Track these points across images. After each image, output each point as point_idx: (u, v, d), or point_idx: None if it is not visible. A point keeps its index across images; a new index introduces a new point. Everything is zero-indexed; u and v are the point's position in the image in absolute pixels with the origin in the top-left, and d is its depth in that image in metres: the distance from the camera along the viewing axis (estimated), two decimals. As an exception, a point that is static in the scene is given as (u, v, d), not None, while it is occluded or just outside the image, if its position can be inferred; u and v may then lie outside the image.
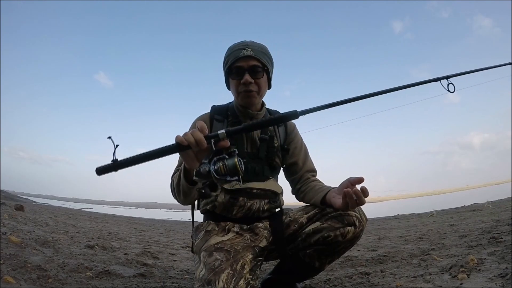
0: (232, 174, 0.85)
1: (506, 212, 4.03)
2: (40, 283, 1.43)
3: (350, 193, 0.94)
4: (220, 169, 0.85)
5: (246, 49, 1.18)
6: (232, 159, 0.84)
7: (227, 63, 1.21)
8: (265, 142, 1.25)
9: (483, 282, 1.27)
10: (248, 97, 1.20)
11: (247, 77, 1.16)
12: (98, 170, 0.85)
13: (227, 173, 0.85)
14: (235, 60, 1.18)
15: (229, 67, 1.20)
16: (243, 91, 1.19)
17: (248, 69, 1.17)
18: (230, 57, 1.20)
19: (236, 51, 1.19)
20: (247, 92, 1.19)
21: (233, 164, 0.85)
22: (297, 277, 1.34)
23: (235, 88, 1.21)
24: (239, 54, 1.17)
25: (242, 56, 1.17)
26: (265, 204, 1.23)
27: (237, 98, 1.24)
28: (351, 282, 1.54)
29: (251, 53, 1.17)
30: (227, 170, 0.85)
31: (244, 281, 1.02)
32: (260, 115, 1.28)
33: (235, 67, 1.18)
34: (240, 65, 1.17)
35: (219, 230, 1.20)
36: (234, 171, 0.85)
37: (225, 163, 0.84)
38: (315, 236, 1.13)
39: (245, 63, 1.17)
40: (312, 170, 1.34)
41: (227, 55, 1.22)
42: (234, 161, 0.84)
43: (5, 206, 5.08)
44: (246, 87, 1.18)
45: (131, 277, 1.72)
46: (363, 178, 0.98)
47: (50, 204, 18.74)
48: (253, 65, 1.18)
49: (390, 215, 8.02)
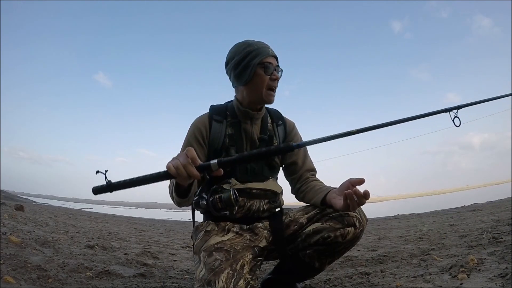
0: (227, 207, 0.95)
1: (506, 212, 4.04)
2: (40, 283, 1.43)
3: (351, 195, 0.94)
4: (217, 203, 0.96)
5: (270, 49, 1.22)
6: (228, 192, 0.93)
7: (255, 56, 1.19)
8: (265, 142, 1.25)
9: (483, 282, 1.27)
10: (272, 95, 1.23)
11: (277, 75, 1.21)
12: (94, 190, 0.90)
13: (223, 206, 0.95)
14: (266, 56, 1.19)
15: (261, 61, 1.19)
16: (272, 88, 1.21)
17: (275, 68, 1.21)
18: (260, 52, 1.19)
19: (264, 48, 1.20)
20: (274, 89, 1.22)
21: (228, 197, 0.94)
22: (297, 277, 1.33)
23: (265, 83, 1.20)
24: (269, 52, 1.20)
25: (271, 54, 1.21)
26: (265, 204, 1.23)
27: (261, 94, 1.21)
28: (351, 282, 1.54)
29: (274, 53, 1.22)
30: (223, 203, 0.96)
31: (244, 281, 1.02)
32: (260, 115, 1.28)
33: (267, 63, 1.19)
34: (271, 61, 1.20)
35: (219, 230, 1.20)
36: (230, 204, 0.94)
37: (222, 196, 0.92)
38: (315, 236, 1.13)
39: (274, 62, 1.22)
40: (312, 169, 1.34)
41: (252, 48, 1.20)
42: (229, 195, 0.96)
43: (5, 206, 5.08)
44: (275, 84, 1.21)
45: (131, 277, 1.72)
46: (364, 179, 0.98)
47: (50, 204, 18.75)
48: (277, 65, 1.23)
49: (390, 215, 8.02)
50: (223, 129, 1.24)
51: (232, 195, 0.91)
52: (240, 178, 1.19)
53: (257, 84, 1.21)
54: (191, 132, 1.25)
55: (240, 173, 1.19)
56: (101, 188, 0.89)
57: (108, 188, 0.88)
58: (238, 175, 1.19)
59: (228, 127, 1.25)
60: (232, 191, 0.91)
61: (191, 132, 1.25)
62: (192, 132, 1.25)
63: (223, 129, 1.24)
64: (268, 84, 1.20)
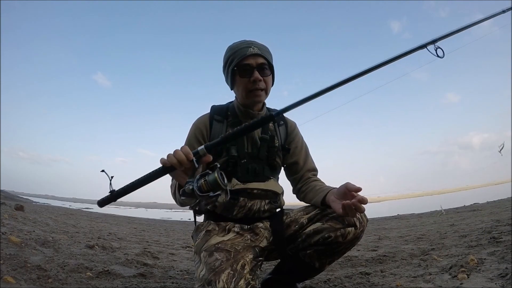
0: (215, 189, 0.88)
1: (506, 212, 4.04)
2: (40, 283, 1.43)
3: (350, 206, 0.94)
4: (203, 186, 0.88)
5: (252, 47, 1.16)
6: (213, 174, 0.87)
7: (232, 61, 1.17)
8: (266, 142, 1.25)
9: (483, 282, 1.27)
10: (257, 95, 1.18)
11: (257, 74, 1.15)
12: (99, 203, 0.93)
13: (209, 189, 0.88)
14: (242, 58, 1.15)
15: (237, 64, 1.16)
16: (253, 89, 1.16)
17: (257, 67, 1.16)
18: (237, 55, 1.16)
19: (242, 49, 1.16)
20: (257, 90, 1.17)
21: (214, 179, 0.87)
22: (297, 277, 1.33)
23: (243, 87, 1.18)
24: (247, 52, 1.15)
25: (250, 54, 1.15)
26: (266, 204, 1.23)
27: (244, 97, 1.20)
28: (351, 282, 1.54)
29: (257, 51, 1.16)
30: (209, 186, 0.88)
31: (244, 281, 1.02)
32: (260, 115, 1.27)
33: (243, 65, 1.15)
34: (248, 62, 1.15)
35: (219, 230, 1.20)
36: (216, 186, 0.87)
37: (207, 179, 0.87)
38: (316, 236, 1.13)
39: (254, 61, 1.16)
40: (313, 169, 1.34)
41: (231, 53, 1.18)
42: (214, 176, 0.88)
43: (5, 206, 5.08)
44: (256, 85, 1.16)
45: (131, 277, 1.72)
46: (361, 188, 0.98)
47: (50, 204, 18.74)
48: (261, 63, 1.17)
49: (390, 215, 8.03)
50: (224, 129, 1.24)
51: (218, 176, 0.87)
52: (241, 178, 1.19)
53: (239, 89, 1.20)
54: (192, 132, 1.26)
55: (241, 173, 1.19)
56: (106, 199, 0.92)
57: (112, 198, 0.91)
58: (239, 175, 1.19)
59: (229, 127, 1.25)
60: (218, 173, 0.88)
61: (192, 132, 1.26)
62: (193, 132, 1.25)
63: (223, 129, 1.24)
64: (247, 88, 1.17)
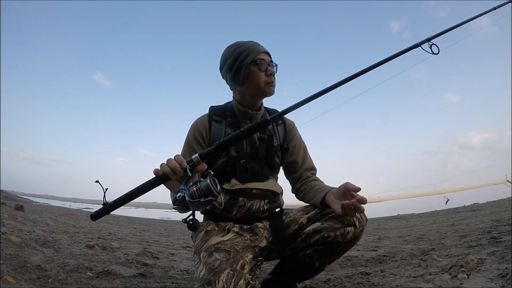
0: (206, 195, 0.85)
1: (506, 212, 4.03)
2: (40, 283, 1.43)
3: (349, 206, 0.94)
4: (194, 193, 0.85)
5: (261, 46, 1.24)
6: (205, 181, 0.85)
7: (248, 54, 1.20)
8: (265, 142, 1.25)
9: (483, 282, 1.27)
10: (272, 87, 1.24)
11: (272, 69, 1.23)
12: (92, 216, 0.92)
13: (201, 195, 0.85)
14: (258, 53, 1.21)
15: (255, 58, 1.20)
16: (270, 82, 1.22)
17: (269, 64, 1.23)
18: (251, 50, 1.20)
19: (254, 46, 1.22)
20: (273, 82, 1.23)
21: (206, 185, 0.85)
22: (297, 277, 1.33)
23: (259, 80, 1.21)
24: (260, 49, 1.22)
25: (263, 51, 1.22)
26: (265, 204, 1.23)
27: (261, 88, 1.22)
28: (351, 282, 1.54)
29: (265, 50, 1.24)
30: (201, 192, 0.85)
31: (244, 281, 1.02)
32: (259, 115, 1.28)
33: (260, 59, 1.21)
34: (263, 58, 1.21)
35: (219, 230, 1.20)
36: (208, 192, 0.85)
37: (199, 186, 0.85)
38: (315, 236, 1.13)
39: (266, 58, 1.23)
40: (312, 168, 1.33)
41: (244, 48, 1.21)
42: (206, 183, 0.85)
43: (5, 206, 5.08)
44: (271, 78, 1.22)
45: (131, 277, 1.72)
46: (360, 188, 0.98)
47: (50, 204, 18.75)
48: (271, 61, 1.25)
49: (390, 215, 8.02)
50: (223, 130, 1.24)
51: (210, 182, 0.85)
52: (240, 178, 1.19)
53: (253, 82, 1.22)
54: (191, 133, 1.26)
55: (240, 173, 1.19)
56: (99, 213, 0.91)
57: (105, 211, 0.90)
58: (238, 175, 1.19)
59: (227, 127, 1.25)
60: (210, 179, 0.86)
61: (191, 133, 1.26)
62: (192, 133, 1.25)
63: (222, 130, 1.24)
64: (265, 80, 1.21)
